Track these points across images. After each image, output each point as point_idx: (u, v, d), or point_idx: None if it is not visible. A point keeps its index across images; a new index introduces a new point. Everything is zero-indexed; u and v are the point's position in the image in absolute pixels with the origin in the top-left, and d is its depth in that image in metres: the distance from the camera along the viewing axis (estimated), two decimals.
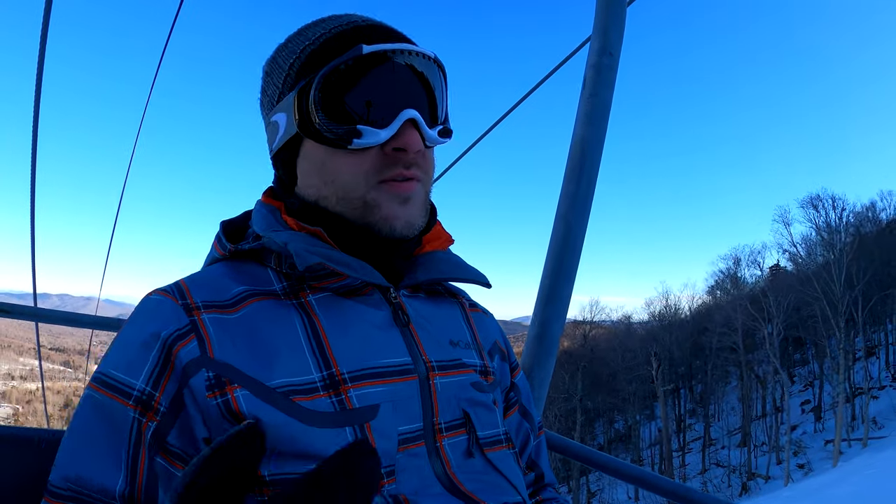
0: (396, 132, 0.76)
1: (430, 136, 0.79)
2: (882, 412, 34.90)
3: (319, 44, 0.80)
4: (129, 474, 0.66)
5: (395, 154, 0.77)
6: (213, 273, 0.79)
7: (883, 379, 38.99)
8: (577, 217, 1.67)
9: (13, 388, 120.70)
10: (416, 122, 0.77)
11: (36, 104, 3.10)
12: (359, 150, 0.76)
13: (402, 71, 0.77)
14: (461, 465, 0.77)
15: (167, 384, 0.68)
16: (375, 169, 0.77)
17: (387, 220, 0.78)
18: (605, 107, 1.69)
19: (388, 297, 0.82)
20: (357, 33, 0.79)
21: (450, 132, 0.84)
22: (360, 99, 0.76)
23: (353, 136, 0.75)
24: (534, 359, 1.66)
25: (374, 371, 0.74)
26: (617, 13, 1.67)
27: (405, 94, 0.77)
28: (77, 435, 0.68)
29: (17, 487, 0.83)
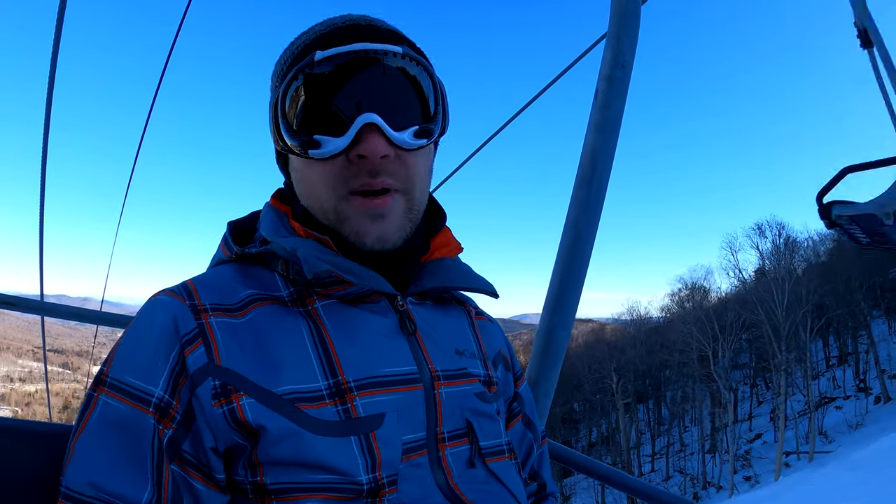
0: (354, 139, 0.72)
1: (398, 139, 0.74)
2: (836, 425, 35.23)
3: (297, 52, 0.79)
4: (155, 484, 0.65)
5: (360, 162, 0.73)
6: (221, 275, 0.79)
7: (849, 389, 39.52)
8: (587, 226, 1.67)
9: (12, 390, 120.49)
10: (378, 126, 0.72)
11: (48, 106, 3.12)
12: (326, 160, 0.74)
13: (365, 73, 0.73)
14: (463, 475, 0.76)
15: (181, 392, 0.67)
16: (342, 179, 0.75)
17: (357, 234, 0.76)
18: (616, 118, 1.70)
19: (395, 305, 0.81)
20: (318, 41, 0.77)
21: (429, 132, 0.77)
22: (318, 107, 0.73)
23: (310, 146, 0.73)
24: (539, 370, 1.65)
25: (380, 380, 0.73)
26: (630, 25, 1.68)
27: (365, 97, 0.73)
28: (94, 441, 0.66)
29: (21, 479, 0.82)
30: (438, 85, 0.79)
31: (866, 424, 33.28)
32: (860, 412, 35.29)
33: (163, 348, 0.68)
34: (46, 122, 3.24)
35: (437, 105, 0.79)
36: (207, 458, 0.67)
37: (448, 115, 0.81)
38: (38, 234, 4.19)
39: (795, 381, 39.15)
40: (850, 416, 35.68)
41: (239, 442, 0.67)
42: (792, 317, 35.73)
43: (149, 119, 5.06)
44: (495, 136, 2.97)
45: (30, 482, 0.81)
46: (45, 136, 3.16)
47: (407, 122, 0.75)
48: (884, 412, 33.80)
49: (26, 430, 0.85)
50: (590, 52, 2.62)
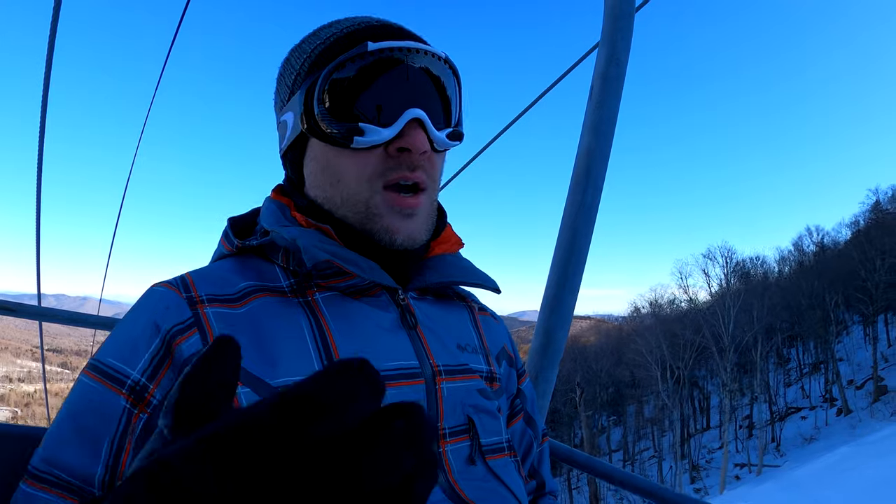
0: (401, 131, 0.73)
1: (438, 138, 0.76)
2: (793, 437, 36.08)
3: (329, 43, 0.79)
4: (111, 462, 0.64)
5: (400, 155, 0.75)
6: (219, 268, 0.78)
7: (817, 399, 40.23)
8: (583, 225, 1.67)
9: (11, 390, 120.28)
10: (423, 123, 0.74)
11: (43, 107, 3.11)
12: (363, 151, 0.75)
13: (410, 70, 0.75)
14: (462, 472, 0.76)
15: (163, 378, 0.67)
16: (379, 171, 0.75)
17: (388, 231, 0.76)
18: (611, 116, 1.70)
19: (396, 299, 0.81)
20: (367, 31, 0.78)
21: (460, 136, 0.81)
22: (365, 97, 0.74)
23: (355, 133, 0.73)
24: (538, 367, 1.66)
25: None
26: (624, 24, 1.68)
27: (412, 94, 0.75)
28: (63, 419, 0.67)
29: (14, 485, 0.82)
30: (462, 92, 0.82)
31: (819, 438, 34.18)
32: (820, 424, 36.12)
33: (148, 334, 0.68)
34: (42, 122, 3.23)
35: (461, 111, 0.82)
36: None
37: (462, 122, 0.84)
38: (35, 241, 4.18)
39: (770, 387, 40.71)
40: (807, 428, 36.61)
41: None
42: (739, 338, 37.76)
43: (148, 117, 5.06)
44: (498, 136, 2.97)
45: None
46: (40, 141, 3.15)
47: (444, 123, 0.78)
48: (840, 425, 34.66)
49: (27, 436, 0.86)
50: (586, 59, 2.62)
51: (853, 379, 38.88)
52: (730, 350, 37.30)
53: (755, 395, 40.16)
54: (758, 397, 40.07)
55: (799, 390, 41.98)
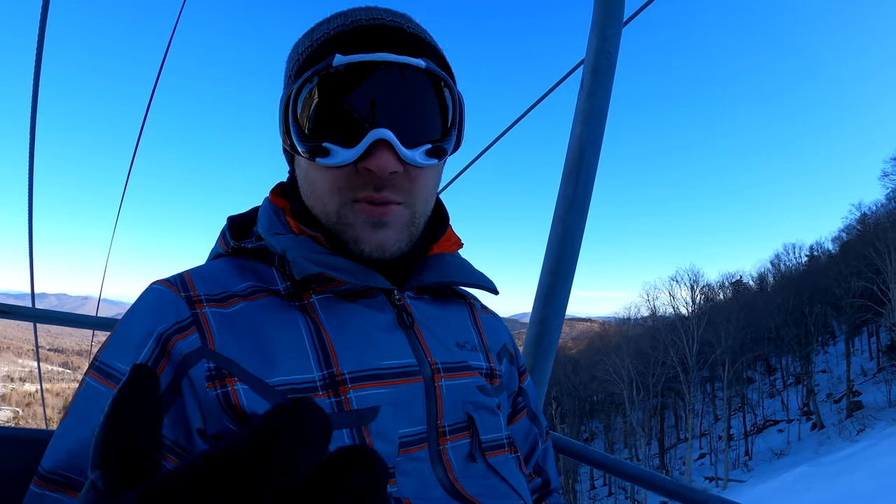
0: (365, 152, 0.71)
1: (409, 157, 0.72)
2: (761, 452, 36.75)
3: (315, 47, 0.76)
4: None
5: (366, 174, 0.72)
6: (218, 267, 0.78)
7: (794, 412, 40.88)
8: (575, 218, 1.67)
9: (13, 390, 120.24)
10: (390, 143, 0.70)
11: (34, 103, 3.09)
12: (333, 167, 0.73)
13: (380, 86, 0.71)
14: (463, 469, 0.76)
15: (161, 375, 0.67)
16: (348, 186, 0.74)
17: (356, 241, 0.75)
18: (602, 108, 1.69)
19: (392, 300, 0.81)
20: (340, 40, 0.74)
21: (442, 151, 0.76)
22: (331, 114, 0.71)
23: (319, 154, 0.72)
24: (533, 359, 1.66)
25: (376, 372, 0.73)
26: (614, 14, 1.67)
27: (382, 111, 0.71)
28: (71, 420, 0.67)
29: (18, 489, 0.83)
30: (457, 100, 0.77)
31: (789, 454, 34.72)
32: (793, 439, 36.69)
33: (150, 333, 0.68)
34: (32, 123, 3.22)
35: (453, 121, 0.77)
36: (191, 440, 0.67)
37: (463, 130, 0.80)
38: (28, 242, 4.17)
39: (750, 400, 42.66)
40: (778, 443, 37.22)
41: (230, 427, 0.67)
42: (703, 358, 39.88)
43: (146, 115, 5.02)
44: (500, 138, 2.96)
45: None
46: (31, 137, 3.14)
47: (420, 138, 0.74)
48: (809, 441, 35.19)
49: (26, 439, 0.86)
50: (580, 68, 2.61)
51: (832, 392, 39.53)
52: (694, 370, 38.98)
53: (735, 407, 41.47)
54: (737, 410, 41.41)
55: (784, 402, 42.83)
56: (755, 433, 40.29)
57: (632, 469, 1.42)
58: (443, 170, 0.86)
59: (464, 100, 0.79)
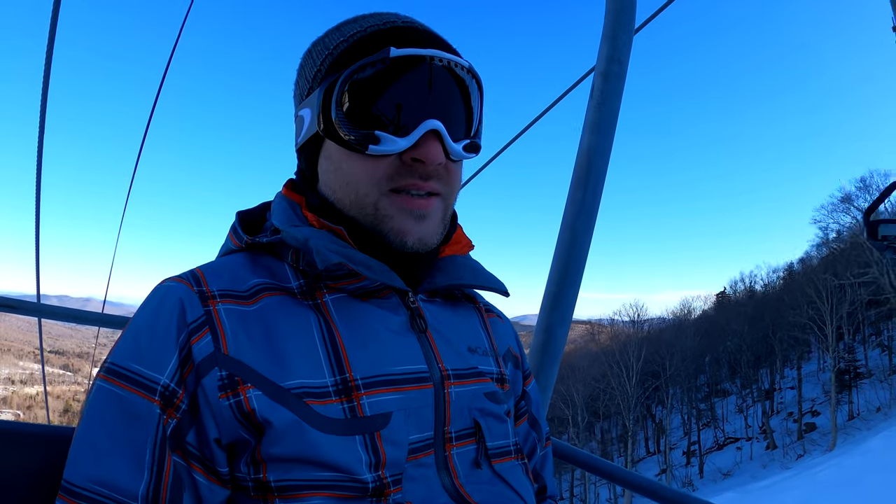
0: (416, 142, 0.72)
1: (454, 149, 0.75)
2: (711, 471, 37.44)
3: (352, 42, 0.77)
4: (153, 475, 0.64)
5: (413, 164, 0.74)
6: (230, 262, 0.77)
7: (753, 431, 41.69)
8: (583, 225, 1.67)
9: (13, 392, 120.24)
10: (440, 134, 0.73)
11: (42, 106, 3.12)
12: (376, 156, 0.74)
13: (432, 79, 0.74)
14: (468, 476, 0.76)
15: (187, 381, 0.66)
16: (389, 176, 0.74)
17: (398, 233, 0.75)
18: (612, 115, 1.70)
19: (406, 302, 0.80)
20: (391, 34, 0.76)
21: (478, 147, 0.80)
22: (383, 103, 0.73)
23: (371, 141, 0.72)
24: (539, 366, 1.66)
25: (388, 378, 0.72)
26: (626, 22, 1.67)
27: (431, 103, 0.73)
28: (95, 431, 0.65)
29: (21, 482, 0.82)
30: (483, 101, 0.81)
31: (735, 474, 35.29)
32: (745, 458, 37.26)
33: (171, 335, 0.67)
34: (41, 123, 3.24)
35: (481, 121, 0.81)
36: (211, 450, 0.66)
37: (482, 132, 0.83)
38: (35, 237, 4.18)
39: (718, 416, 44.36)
40: (726, 462, 37.79)
41: (243, 436, 0.66)
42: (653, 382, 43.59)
43: (151, 117, 5.05)
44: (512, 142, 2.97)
45: (30, 485, 0.81)
46: (39, 139, 3.16)
47: (461, 134, 0.77)
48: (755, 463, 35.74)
49: (26, 432, 0.85)
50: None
51: (792, 412, 39.96)
52: (633, 400, 41.84)
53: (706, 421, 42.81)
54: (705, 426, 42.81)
55: (746, 419, 43.67)
56: (716, 449, 41.06)
57: (634, 478, 1.41)
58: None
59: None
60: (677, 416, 46.92)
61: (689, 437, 43.94)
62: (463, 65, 0.76)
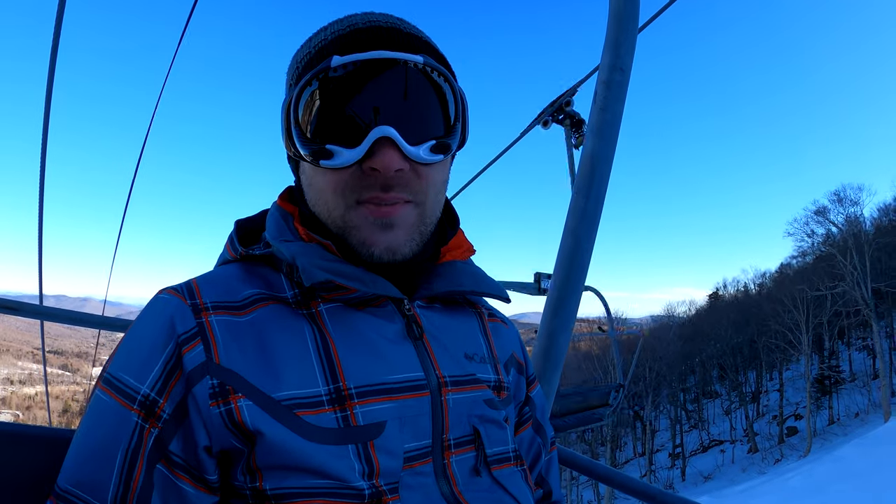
0: (368, 151, 0.70)
1: (414, 154, 0.71)
2: (693, 474, 37.56)
3: (314, 53, 0.76)
4: (122, 480, 0.64)
5: (373, 173, 0.71)
6: (226, 273, 0.78)
7: (737, 434, 41.99)
8: (586, 231, 1.67)
9: (13, 393, 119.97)
10: (393, 140, 0.70)
11: (46, 106, 3.12)
12: (337, 169, 0.72)
13: (380, 82, 0.70)
14: (467, 484, 0.75)
15: (172, 390, 0.66)
16: (352, 188, 0.73)
17: (364, 244, 0.74)
18: (615, 122, 1.70)
19: (402, 309, 0.79)
20: (340, 41, 0.74)
21: (446, 147, 0.75)
22: (332, 115, 0.71)
23: (322, 156, 0.71)
24: (541, 371, 1.66)
25: (382, 387, 0.72)
26: (628, 29, 1.67)
27: (382, 109, 0.70)
28: (84, 436, 0.67)
29: (22, 485, 0.82)
30: (459, 96, 0.76)
31: (715, 478, 35.50)
32: (727, 461, 37.47)
33: (158, 346, 0.68)
34: (45, 123, 3.24)
35: (457, 117, 0.77)
36: (198, 458, 0.66)
37: (468, 126, 0.79)
38: (38, 241, 4.18)
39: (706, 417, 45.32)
40: (707, 465, 38.09)
41: (235, 445, 0.67)
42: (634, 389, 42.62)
43: (153, 118, 5.06)
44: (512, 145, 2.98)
45: (30, 487, 0.81)
46: (43, 139, 3.16)
47: (424, 135, 0.73)
48: (736, 467, 35.86)
49: (27, 434, 0.85)
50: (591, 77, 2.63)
51: (777, 415, 40.29)
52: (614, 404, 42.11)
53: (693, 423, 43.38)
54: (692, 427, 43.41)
55: (731, 422, 44.04)
56: (701, 452, 41.31)
57: (638, 484, 1.41)
58: (451, 168, 0.85)
59: (466, 95, 0.78)
60: (667, 418, 47.38)
61: (674, 440, 44.19)
62: (416, 62, 0.71)
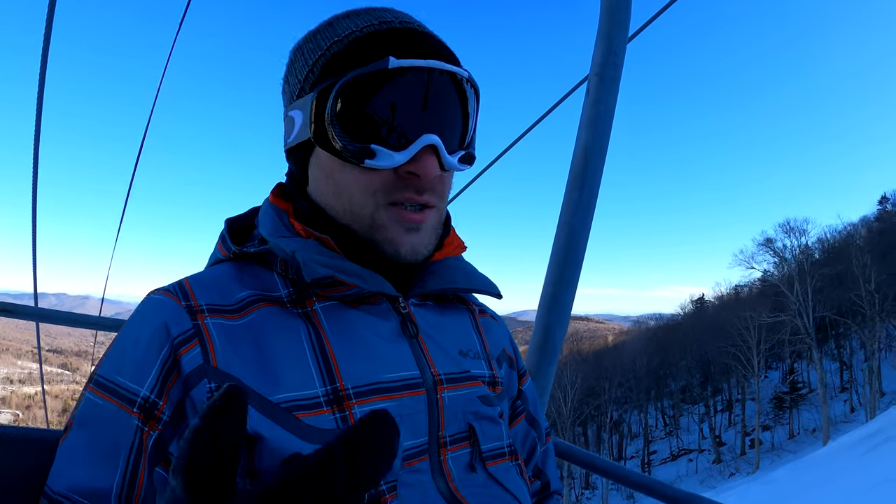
0: (413, 157, 0.71)
1: (450, 163, 0.74)
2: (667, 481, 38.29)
3: (346, 44, 0.74)
4: (126, 483, 0.64)
5: (409, 178, 0.73)
6: (218, 274, 0.77)
7: (707, 443, 43.02)
8: (580, 223, 1.67)
9: (12, 392, 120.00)
10: (437, 148, 0.72)
11: (38, 106, 3.10)
12: (371, 169, 0.72)
13: (431, 90, 0.72)
14: (463, 480, 0.76)
15: (170, 392, 0.66)
16: (385, 190, 0.73)
17: (392, 243, 0.75)
18: (608, 114, 1.69)
19: (397, 307, 0.80)
20: (388, 40, 0.73)
21: (472, 158, 0.79)
22: (380, 116, 0.71)
23: (366, 155, 0.71)
24: (537, 365, 1.66)
25: (379, 386, 0.72)
26: (621, 20, 1.67)
27: (429, 116, 0.72)
28: (77, 439, 0.66)
29: (18, 488, 0.82)
30: (478, 109, 0.80)
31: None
32: (691, 471, 38.44)
33: (153, 348, 0.67)
34: (38, 121, 3.22)
35: (475, 129, 0.80)
36: None
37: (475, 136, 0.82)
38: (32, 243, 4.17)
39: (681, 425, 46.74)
40: (668, 475, 38.80)
41: None
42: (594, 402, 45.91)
43: (151, 116, 5.03)
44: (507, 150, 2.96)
45: (29, 490, 0.81)
46: (35, 137, 3.15)
47: (457, 145, 0.76)
48: (697, 478, 36.72)
49: (27, 437, 0.85)
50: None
51: (746, 424, 41.02)
52: (568, 420, 44.25)
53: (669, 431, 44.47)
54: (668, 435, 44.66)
55: (701, 431, 45.03)
56: (671, 460, 42.58)
57: (635, 476, 1.42)
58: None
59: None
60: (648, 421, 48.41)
61: (647, 448, 45.16)
62: (463, 75, 0.74)
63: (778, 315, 39.24)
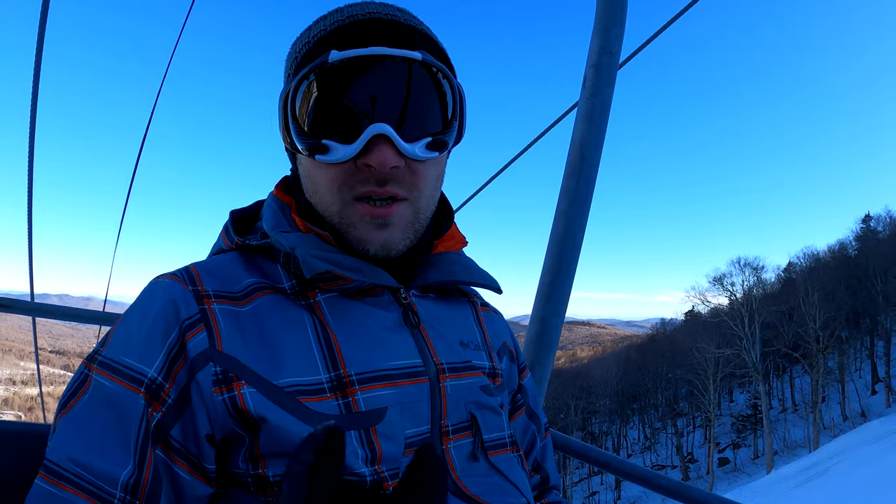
0: (364, 148, 0.70)
1: (409, 150, 0.71)
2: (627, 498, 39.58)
3: (314, 43, 0.75)
4: (136, 465, 0.64)
5: (367, 170, 0.72)
6: (223, 261, 0.78)
7: (675, 459, 44.54)
8: (577, 215, 1.67)
9: (15, 394, 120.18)
10: (389, 137, 0.70)
11: (33, 103, 3.11)
12: (333, 164, 0.72)
13: (378, 79, 0.70)
14: (465, 469, 0.76)
15: (177, 376, 0.66)
16: (348, 184, 0.73)
17: (360, 241, 0.75)
18: (604, 106, 1.69)
19: (398, 298, 0.80)
20: (338, 34, 0.73)
21: (443, 144, 0.75)
22: (329, 111, 0.71)
23: (317, 150, 0.72)
24: (534, 357, 1.66)
25: (383, 373, 0.73)
26: (617, 12, 1.67)
27: (379, 106, 0.70)
28: (81, 417, 0.65)
29: (20, 483, 0.82)
30: (457, 91, 0.77)
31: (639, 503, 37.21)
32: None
33: (160, 330, 0.67)
34: (32, 121, 3.23)
35: (454, 113, 0.76)
36: (199, 446, 0.66)
37: (465, 122, 0.79)
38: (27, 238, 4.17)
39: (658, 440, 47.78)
40: (637, 491, 39.72)
41: (237, 432, 0.67)
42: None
43: (152, 115, 5.04)
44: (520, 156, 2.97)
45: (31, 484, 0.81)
46: (30, 136, 3.15)
47: (420, 132, 0.73)
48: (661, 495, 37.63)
49: (27, 432, 0.86)
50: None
51: (719, 442, 42.17)
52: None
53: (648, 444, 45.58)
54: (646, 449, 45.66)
55: (688, 443, 46.33)
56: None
57: (633, 468, 1.42)
58: (446, 163, 0.85)
59: (464, 91, 0.78)
60: (633, 433, 49.49)
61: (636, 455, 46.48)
62: (414, 58, 0.71)
63: (724, 351, 41.31)
